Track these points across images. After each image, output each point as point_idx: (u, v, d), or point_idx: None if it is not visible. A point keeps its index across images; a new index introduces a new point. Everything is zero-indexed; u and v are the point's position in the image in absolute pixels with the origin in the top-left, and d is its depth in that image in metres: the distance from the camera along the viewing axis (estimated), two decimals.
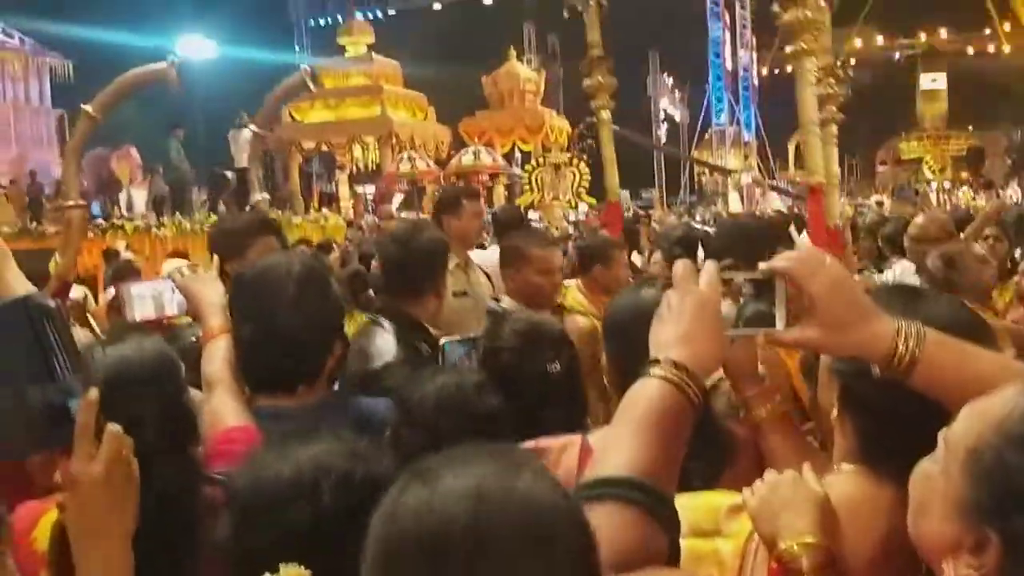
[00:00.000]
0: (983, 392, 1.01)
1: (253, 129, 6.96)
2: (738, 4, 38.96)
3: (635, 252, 7.12)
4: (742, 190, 28.80)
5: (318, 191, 23.52)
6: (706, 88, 39.31)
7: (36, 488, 1.60)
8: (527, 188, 21.04)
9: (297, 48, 35.48)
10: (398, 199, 21.06)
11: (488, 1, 34.58)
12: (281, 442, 1.40)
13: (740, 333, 1.39)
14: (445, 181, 20.83)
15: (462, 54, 28.66)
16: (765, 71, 41.76)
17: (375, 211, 20.63)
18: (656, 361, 1.13)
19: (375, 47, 24.84)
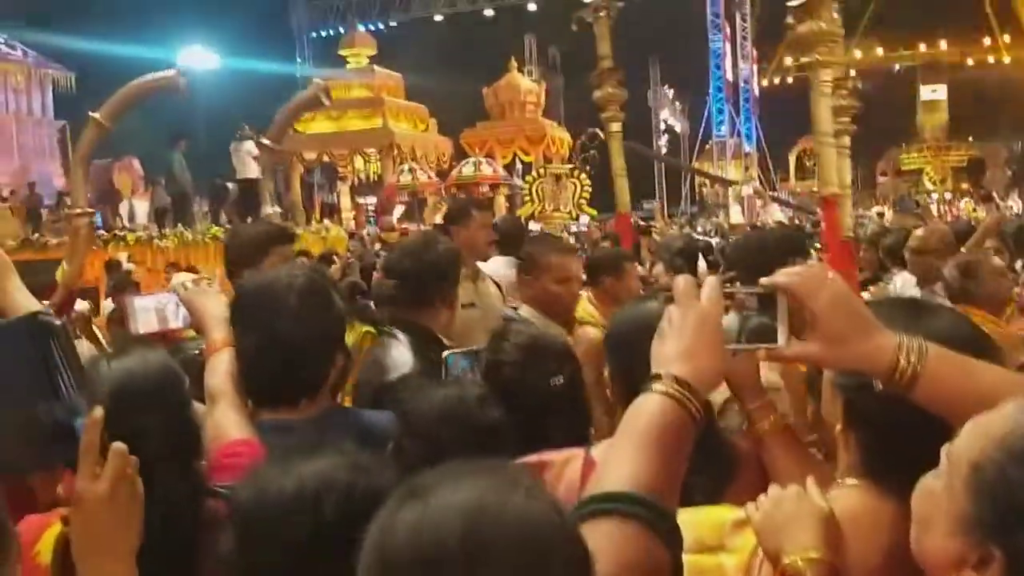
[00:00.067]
0: (986, 406, 1.01)
1: (264, 142, 6.93)
2: (739, 15, 39.08)
3: (636, 263, 7.10)
4: (743, 201, 28.82)
5: (319, 202, 23.55)
6: (707, 99, 39.41)
7: (39, 502, 1.59)
8: (528, 199, 21.09)
9: (299, 60, 35.52)
10: (399, 210, 21.09)
11: (489, 13, 34.65)
12: (284, 455, 1.41)
13: (741, 348, 1.39)
14: (445, 192, 20.91)
15: (463, 66, 28.72)
16: (765, 82, 41.87)
17: (377, 222, 20.66)
18: (658, 376, 1.13)
19: (377, 59, 24.93)
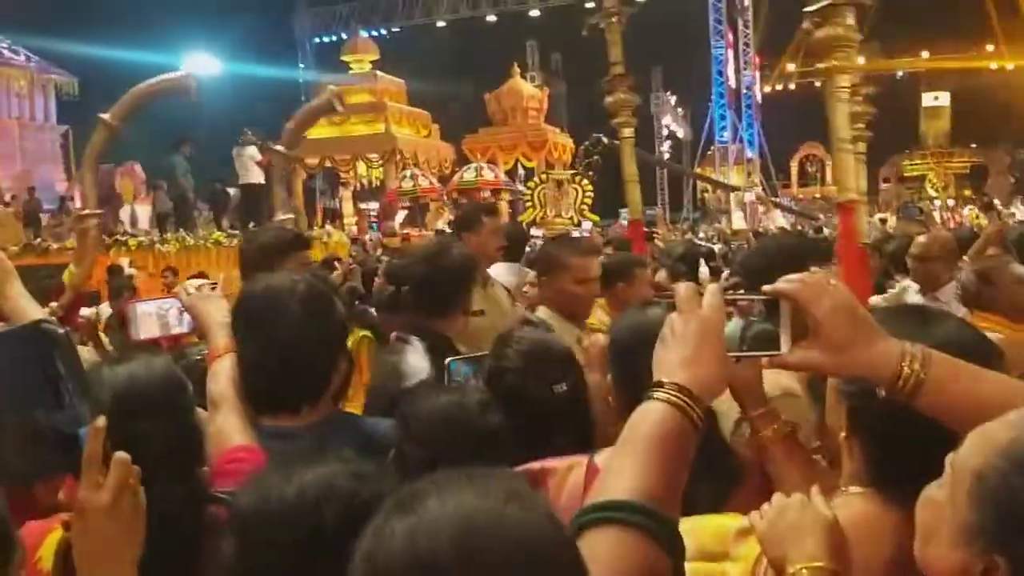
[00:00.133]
0: (990, 415, 1.01)
1: (280, 150, 6.90)
2: (741, 22, 39.13)
3: (647, 269, 7.08)
4: (745, 207, 28.79)
5: (322, 207, 23.56)
6: (709, 105, 39.44)
7: (40, 507, 1.59)
8: (530, 205, 21.05)
9: (301, 65, 35.60)
10: (401, 216, 21.07)
11: (492, 19, 34.71)
12: (285, 462, 1.40)
13: (744, 355, 1.38)
14: (447, 197, 20.91)
15: (466, 71, 28.78)
16: (768, 88, 41.88)
17: (379, 228, 20.64)
18: (659, 384, 1.13)
19: (379, 64, 24.98)
